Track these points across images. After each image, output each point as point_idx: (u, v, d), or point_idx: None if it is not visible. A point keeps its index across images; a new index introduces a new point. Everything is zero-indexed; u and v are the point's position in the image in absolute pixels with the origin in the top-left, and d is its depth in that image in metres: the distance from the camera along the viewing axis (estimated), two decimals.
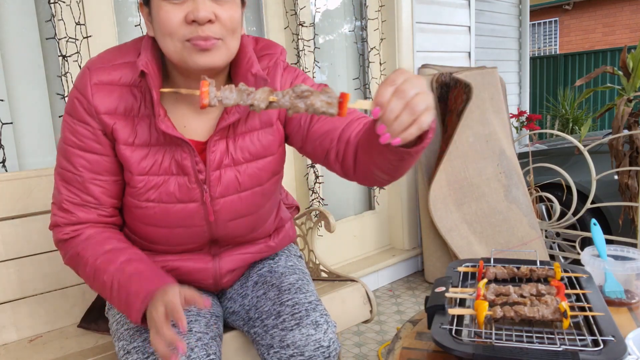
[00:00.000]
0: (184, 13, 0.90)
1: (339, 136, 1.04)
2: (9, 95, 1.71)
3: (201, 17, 0.89)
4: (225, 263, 1.17)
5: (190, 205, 1.05)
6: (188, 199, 1.04)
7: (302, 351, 1.04)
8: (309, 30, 2.47)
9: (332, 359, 1.07)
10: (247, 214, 1.11)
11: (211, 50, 0.93)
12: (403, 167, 0.94)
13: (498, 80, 2.81)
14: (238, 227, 1.12)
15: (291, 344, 1.04)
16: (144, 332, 1.02)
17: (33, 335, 1.39)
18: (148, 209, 1.04)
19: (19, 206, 1.39)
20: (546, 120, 7.40)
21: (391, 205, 3.05)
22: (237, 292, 1.22)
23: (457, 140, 2.62)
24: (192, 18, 0.90)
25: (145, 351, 0.99)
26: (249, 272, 1.25)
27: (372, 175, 1.00)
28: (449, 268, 1.29)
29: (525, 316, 1.00)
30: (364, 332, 2.33)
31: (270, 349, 1.07)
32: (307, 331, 1.05)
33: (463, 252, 2.55)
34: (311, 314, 1.07)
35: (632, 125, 2.56)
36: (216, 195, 1.05)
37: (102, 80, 0.98)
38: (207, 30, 0.91)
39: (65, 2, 1.71)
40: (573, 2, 12.23)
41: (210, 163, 1.03)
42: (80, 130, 0.99)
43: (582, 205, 2.64)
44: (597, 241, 1.34)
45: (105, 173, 1.02)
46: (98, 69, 0.99)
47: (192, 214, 1.06)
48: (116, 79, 0.99)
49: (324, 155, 1.07)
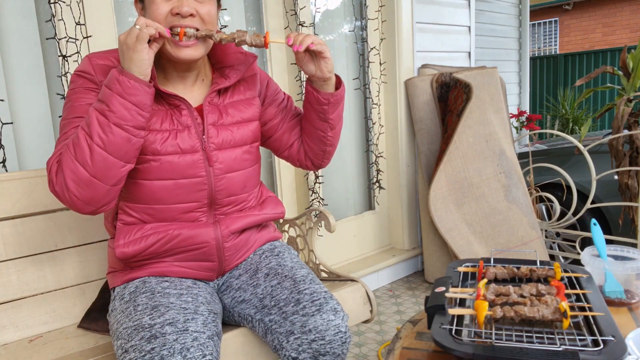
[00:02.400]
0: (170, 7, 1.10)
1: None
2: (9, 95, 1.71)
3: (184, 11, 1.09)
4: (224, 226, 1.25)
5: (193, 156, 1.18)
6: (190, 149, 1.17)
7: (323, 335, 1.12)
8: (309, 30, 2.47)
9: (347, 346, 1.16)
10: (239, 168, 1.26)
11: (190, 47, 1.13)
12: (330, 111, 1.27)
13: (498, 80, 2.81)
14: (232, 181, 1.25)
15: (313, 328, 1.12)
16: (142, 331, 1.03)
17: (33, 335, 1.39)
18: (155, 161, 1.15)
19: (19, 206, 1.39)
20: (546, 120, 7.40)
21: (391, 205, 3.05)
22: (247, 282, 1.27)
23: (457, 140, 2.62)
24: (177, 11, 1.09)
25: (142, 350, 1.00)
26: (257, 266, 1.30)
27: (316, 132, 1.32)
28: (449, 268, 1.29)
29: (525, 316, 1.00)
30: (364, 332, 2.33)
31: (290, 335, 1.13)
32: (328, 317, 1.13)
33: (463, 252, 2.55)
34: (329, 302, 1.17)
35: (632, 125, 2.56)
36: (214, 147, 1.20)
37: (101, 63, 1.14)
38: (188, 22, 1.10)
39: (65, 2, 1.71)
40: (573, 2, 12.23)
41: (206, 119, 1.20)
42: (85, 93, 1.13)
43: (582, 205, 2.64)
44: (597, 241, 1.34)
45: None
46: (97, 56, 1.16)
47: (195, 163, 1.18)
48: (113, 63, 1.15)
49: (290, 143, 1.38)
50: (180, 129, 1.17)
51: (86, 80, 1.13)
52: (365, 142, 2.99)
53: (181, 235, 1.19)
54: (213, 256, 1.24)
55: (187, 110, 1.18)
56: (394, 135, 2.94)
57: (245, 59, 1.26)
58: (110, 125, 1.01)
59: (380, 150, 2.97)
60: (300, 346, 1.12)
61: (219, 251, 1.24)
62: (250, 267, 1.30)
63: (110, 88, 1.01)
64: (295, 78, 2.45)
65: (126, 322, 1.08)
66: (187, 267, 1.23)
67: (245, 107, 1.28)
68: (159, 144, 1.14)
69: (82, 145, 1.01)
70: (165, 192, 1.17)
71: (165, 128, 1.15)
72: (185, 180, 1.18)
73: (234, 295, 1.27)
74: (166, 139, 1.15)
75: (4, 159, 1.60)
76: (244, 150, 1.26)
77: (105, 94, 1.01)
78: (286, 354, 1.14)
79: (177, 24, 1.10)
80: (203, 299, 1.17)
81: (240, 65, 1.26)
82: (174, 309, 1.08)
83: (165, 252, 1.19)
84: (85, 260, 1.48)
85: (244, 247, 1.32)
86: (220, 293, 1.31)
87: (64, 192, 1.03)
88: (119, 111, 1.01)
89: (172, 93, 1.15)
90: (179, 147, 1.16)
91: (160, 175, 1.16)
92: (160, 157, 1.14)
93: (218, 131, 1.21)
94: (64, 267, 1.44)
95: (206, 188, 1.20)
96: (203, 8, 1.12)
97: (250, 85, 1.31)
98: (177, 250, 1.20)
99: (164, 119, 1.16)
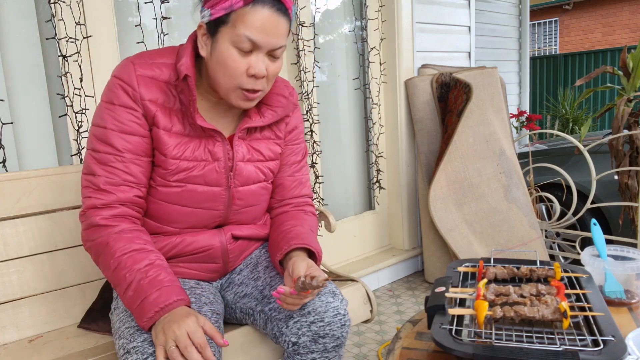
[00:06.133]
0: (247, 66, 1.05)
1: (282, 199, 1.33)
2: (9, 95, 1.71)
3: (259, 74, 1.06)
4: (228, 230, 1.25)
5: (215, 189, 1.17)
6: (215, 182, 1.16)
7: (322, 317, 1.12)
8: (309, 30, 2.47)
9: (346, 329, 1.15)
10: (255, 203, 1.26)
11: (254, 100, 1.12)
12: None
13: (498, 80, 2.80)
14: (248, 214, 1.26)
15: (312, 310, 1.12)
16: (144, 333, 1.03)
17: (33, 335, 1.39)
18: (178, 187, 1.14)
19: (19, 206, 1.39)
20: (546, 120, 7.41)
21: (391, 205, 3.05)
22: (248, 276, 1.28)
23: (457, 140, 2.62)
24: (252, 73, 1.06)
25: (144, 352, 0.99)
26: (257, 260, 1.31)
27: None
28: (449, 268, 1.29)
29: (525, 316, 1.00)
30: (364, 332, 2.33)
31: (289, 320, 1.14)
32: (326, 299, 1.14)
33: (463, 252, 2.55)
34: (328, 285, 1.18)
35: (632, 125, 2.56)
36: (238, 184, 1.19)
37: (145, 74, 1.09)
38: (260, 84, 1.09)
39: (65, 2, 1.71)
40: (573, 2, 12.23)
41: (236, 154, 1.18)
42: (123, 115, 1.09)
43: (582, 205, 2.64)
44: (597, 241, 1.34)
45: (143, 154, 1.12)
46: (141, 64, 1.10)
47: (216, 196, 1.18)
48: (157, 75, 1.11)
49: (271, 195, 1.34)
50: (210, 161, 1.15)
51: (126, 96, 1.08)
52: (365, 142, 2.99)
53: (185, 241, 1.20)
54: (218, 258, 1.25)
55: (221, 143, 1.15)
56: (394, 135, 2.94)
57: (285, 104, 1.22)
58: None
59: (380, 150, 2.97)
60: (300, 329, 1.12)
61: (223, 253, 1.25)
62: (250, 262, 1.32)
63: (136, 314, 1.02)
64: (295, 78, 2.45)
65: (129, 322, 1.08)
66: (191, 268, 1.23)
67: (273, 145, 1.26)
68: (186, 173, 1.13)
69: (105, 265, 1.08)
70: (180, 216, 1.17)
71: (196, 157, 1.14)
72: (203, 211, 1.18)
73: (236, 290, 1.28)
74: (194, 168, 1.14)
75: (4, 159, 1.60)
76: (262, 186, 1.26)
77: (131, 306, 1.03)
78: (286, 339, 1.15)
79: (250, 88, 1.07)
80: (206, 299, 1.18)
81: (279, 108, 1.22)
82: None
83: (170, 257, 1.20)
84: (86, 260, 1.48)
85: (248, 248, 1.32)
86: (223, 290, 1.32)
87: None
88: (129, 305, 1.05)
89: (212, 127, 1.12)
90: (204, 179, 1.15)
91: (179, 201, 1.16)
92: (184, 185, 1.14)
93: (245, 167, 1.19)
94: (64, 267, 1.44)
95: (220, 220, 1.22)
96: (273, 67, 1.09)
97: (280, 125, 1.27)
98: (182, 254, 1.21)
99: (195, 147, 1.13)
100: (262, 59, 1.06)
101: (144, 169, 1.12)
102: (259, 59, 1.06)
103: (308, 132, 2.47)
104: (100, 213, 1.08)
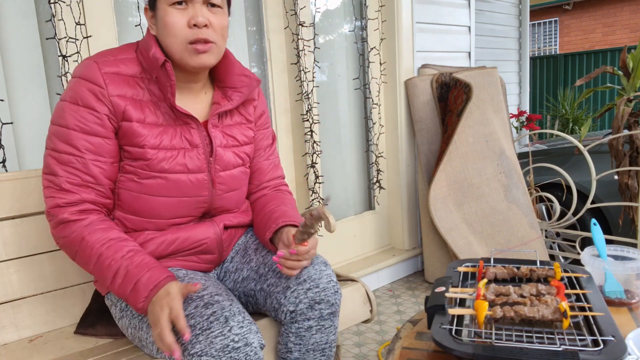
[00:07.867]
0: (186, 18, 1.09)
1: (259, 183, 1.40)
2: (9, 95, 1.71)
3: (200, 22, 1.09)
4: (220, 221, 1.28)
5: (198, 176, 1.19)
6: (197, 169, 1.19)
7: (317, 283, 1.18)
8: (309, 30, 2.47)
9: (339, 296, 1.21)
10: (237, 187, 1.29)
11: (207, 53, 1.12)
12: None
13: (498, 80, 2.80)
14: (230, 199, 1.28)
15: (307, 278, 1.18)
16: (192, 302, 1.05)
17: (33, 335, 1.39)
18: (161, 179, 1.15)
19: (19, 206, 1.39)
20: (546, 120, 7.40)
21: (391, 205, 3.05)
22: (241, 261, 1.32)
23: (457, 140, 2.62)
24: (194, 22, 1.09)
25: (202, 314, 1.02)
26: (246, 245, 1.35)
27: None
28: (449, 268, 1.29)
29: (525, 316, 1.00)
30: (364, 332, 2.33)
31: (286, 290, 1.18)
32: (320, 267, 1.21)
33: (463, 252, 2.55)
34: (320, 257, 1.26)
35: (632, 125, 2.56)
36: (219, 169, 1.22)
37: (110, 71, 1.11)
38: (205, 33, 1.10)
39: (65, 2, 1.71)
40: (573, 2, 12.23)
41: (214, 140, 1.21)
42: (87, 116, 1.09)
43: (582, 205, 2.64)
44: (597, 241, 1.34)
45: (106, 155, 1.13)
46: (104, 62, 1.12)
47: (200, 183, 1.20)
48: (122, 70, 1.13)
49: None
50: (189, 148, 1.17)
51: (92, 97, 1.09)
52: (365, 142, 2.99)
53: (180, 238, 1.21)
54: (214, 249, 1.28)
55: (197, 129, 1.18)
56: (394, 135, 2.94)
57: (249, 82, 1.25)
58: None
59: (380, 150, 2.97)
60: (297, 297, 1.17)
61: (218, 244, 1.28)
62: (239, 248, 1.35)
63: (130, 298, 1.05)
64: (295, 78, 2.45)
65: (143, 328, 1.11)
66: (189, 260, 1.26)
67: (245, 130, 1.30)
68: (168, 163, 1.14)
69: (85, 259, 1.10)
70: (166, 208, 1.18)
71: (174, 146, 1.15)
72: (188, 199, 1.20)
73: (234, 277, 1.31)
74: (175, 157, 1.15)
75: (4, 159, 1.60)
76: (241, 170, 1.29)
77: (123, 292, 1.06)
78: (284, 309, 1.18)
79: (198, 37, 1.09)
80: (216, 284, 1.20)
81: (244, 88, 1.25)
82: (210, 286, 1.10)
83: (168, 254, 1.22)
84: None
85: (235, 235, 1.36)
86: (221, 281, 1.34)
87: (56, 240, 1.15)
88: (120, 292, 1.07)
89: (187, 112, 1.15)
90: (186, 166, 1.17)
91: (165, 193, 1.17)
92: (167, 175, 1.15)
93: (224, 153, 1.23)
94: (64, 267, 1.44)
95: (205, 206, 1.24)
96: (216, 19, 1.13)
97: (249, 109, 1.31)
98: (179, 250, 1.22)
99: (173, 135, 1.16)
100: (200, 8, 1.10)
101: (105, 170, 1.13)
102: (197, 9, 1.09)
103: (308, 132, 2.47)
104: (67, 210, 1.09)
